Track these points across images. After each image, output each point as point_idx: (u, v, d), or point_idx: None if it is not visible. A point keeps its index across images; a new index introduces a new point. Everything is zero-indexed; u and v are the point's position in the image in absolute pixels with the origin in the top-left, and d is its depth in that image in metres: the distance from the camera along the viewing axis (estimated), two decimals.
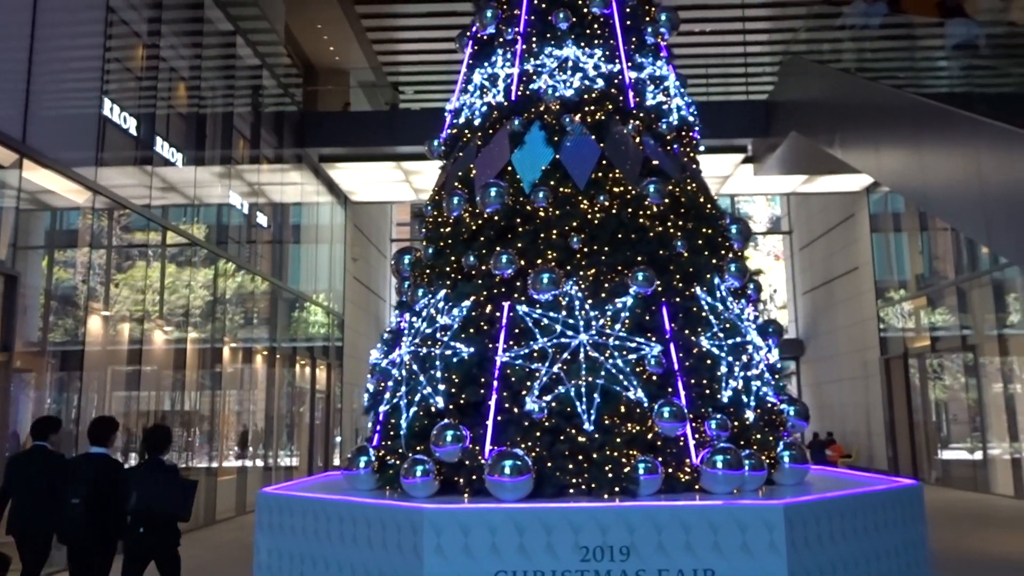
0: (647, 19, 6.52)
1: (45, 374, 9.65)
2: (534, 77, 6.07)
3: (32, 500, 5.98)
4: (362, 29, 20.06)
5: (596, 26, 6.21)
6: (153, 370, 11.71)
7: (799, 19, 18.24)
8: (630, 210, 5.53)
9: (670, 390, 5.09)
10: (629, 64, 6.19)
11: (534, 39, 6.20)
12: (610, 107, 5.96)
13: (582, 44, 6.12)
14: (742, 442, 5.10)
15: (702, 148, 6.62)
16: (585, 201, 5.57)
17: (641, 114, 6.06)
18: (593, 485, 4.72)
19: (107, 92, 10.25)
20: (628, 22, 6.35)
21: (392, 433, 5.42)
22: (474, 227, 5.63)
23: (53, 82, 9.34)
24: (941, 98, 10.33)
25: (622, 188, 5.62)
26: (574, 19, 6.18)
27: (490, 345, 5.21)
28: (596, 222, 5.49)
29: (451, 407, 5.12)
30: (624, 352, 5.08)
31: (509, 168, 5.83)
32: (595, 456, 4.79)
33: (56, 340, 9.81)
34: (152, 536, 5.54)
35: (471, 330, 5.28)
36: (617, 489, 4.66)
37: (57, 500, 5.84)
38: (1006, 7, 15.54)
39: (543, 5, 6.30)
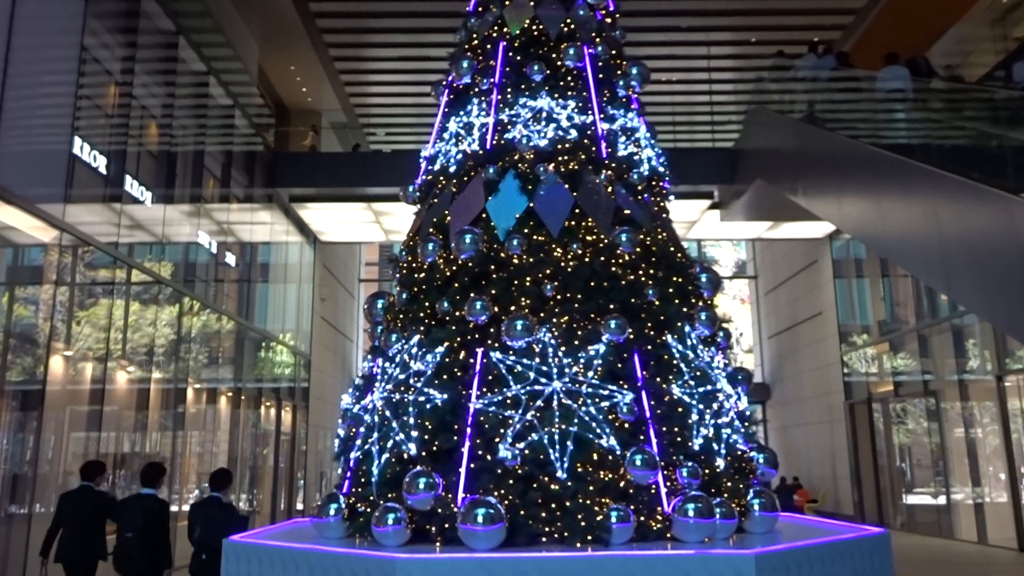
0: (619, 72, 6.70)
1: (2, 414, 9.40)
2: (509, 127, 6.18)
3: (79, 533, 6.89)
4: (335, 72, 20.22)
5: (569, 78, 6.36)
6: (114, 410, 11.46)
7: (762, 70, 18.79)
8: (602, 258, 5.61)
9: (642, 438, 5.13)
10: (601, 116, 6.33)
11: (509, 90, 6.33)
12: (583, 157, 6.08)
13: (556, 96, 6.26)
14: (713, 490, 5.14)
15: (671, 198, 6.76)
16: (558, 249, 5.65)
17: (613, 164, 6.18)
18: (566, 533, 4.71)
19: (78, 130, 10.19)
20: (600, 75, 6.51)
21: (363, 480, 5.38)
22: (448, 273, 5.67)
23: (24, 119, 9.28)
24: (900, 148, 10.67)
25: (594, 236, 5.71)
26: (548, 71, 6.33)
27: (463, 392, 5.22)
28: (569, 270, 5.56)
29: (424, 454, 5.10)
30: (597, 399, 5.11)
31: (484, 215, 5.90)
32: (568, 504, 4.79)
33: (15, 379, 9.58)
34: (213, 562, 6.24)
35: (444, 376, 5.29)
36: (590, 537, 4.66)
37: (102, 532, 6.97)
38: (962, 63, 16.23)
39: (518, 57, 6.45)
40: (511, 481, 4.87)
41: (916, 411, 18.16)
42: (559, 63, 6.40)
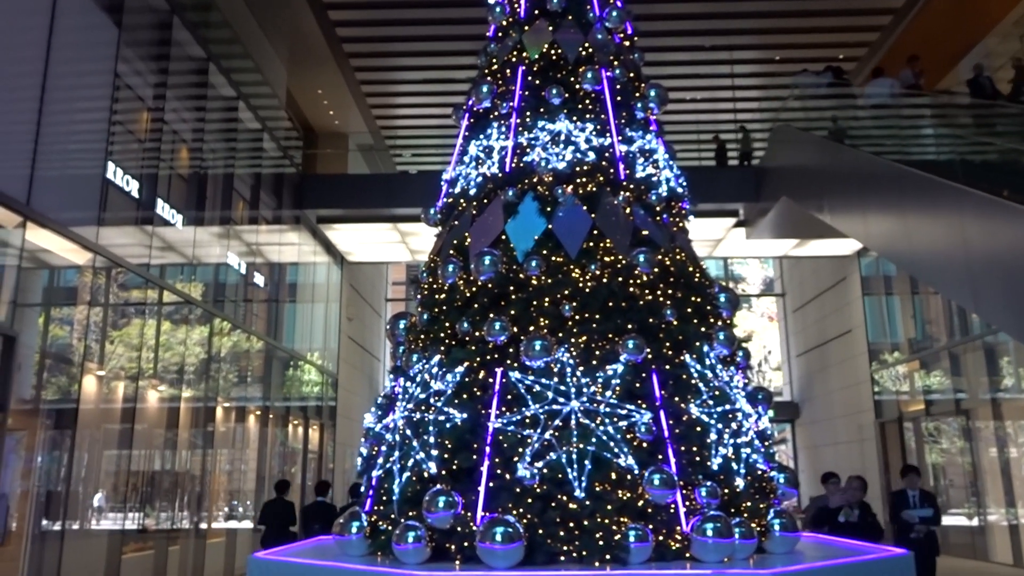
0: (637, 95, 6.76)
1: (37, 433, 9.62)
2: (528, 150, 6.27)
3: (275, 532, 10.10)
4: (362, 95, 20.54)
5: (588, 102, 6.44)
6: (145, 428, 11.67)
7: (785, 88, 18.76)
8: (620, 279, 5.66)
9: (660, 457, 5.14)
10: (619, 138, 6.40)
11: (528, 113, 6.43)
12: (601, 179, 6.15)
13: (574, 119, 6.34)
14: (732, 510, 5.14)
15: (690, 218, 6.79)
16: (577, 270, 5.71)
17: (631, 186, 6.24)
18: (584, 552, 4.74)
19: (111, 155, 10.47)
20: (619, 98, 6.58)
21: (385, 498, 5.45)
22: (468, 294, 5.75)
23: (59, 145, 9.56)
24: (924, 164, 10.59)
25: (613, 257, 5.77)
26: (567, 95, 6.41)
27: (483, 411, 5.28)
28: (587, 291, 5.61)
29: (444, 473, 5.16)
30: (615, 419, 5.15)
31: (503, 237, 5.98)
32: (586, 523, 4.81)
33: (49, 398, 9.81)
34: None
35: (464, 396, 5.35)
36: (608, 557, 4.68)
37: (288, 528, 10.30)
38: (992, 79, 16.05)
39: (537, 81, 6.55)
40: (529, 500, 4.91)
41: (948, 430, 17.84)
42: (577, 86, 6.48)
